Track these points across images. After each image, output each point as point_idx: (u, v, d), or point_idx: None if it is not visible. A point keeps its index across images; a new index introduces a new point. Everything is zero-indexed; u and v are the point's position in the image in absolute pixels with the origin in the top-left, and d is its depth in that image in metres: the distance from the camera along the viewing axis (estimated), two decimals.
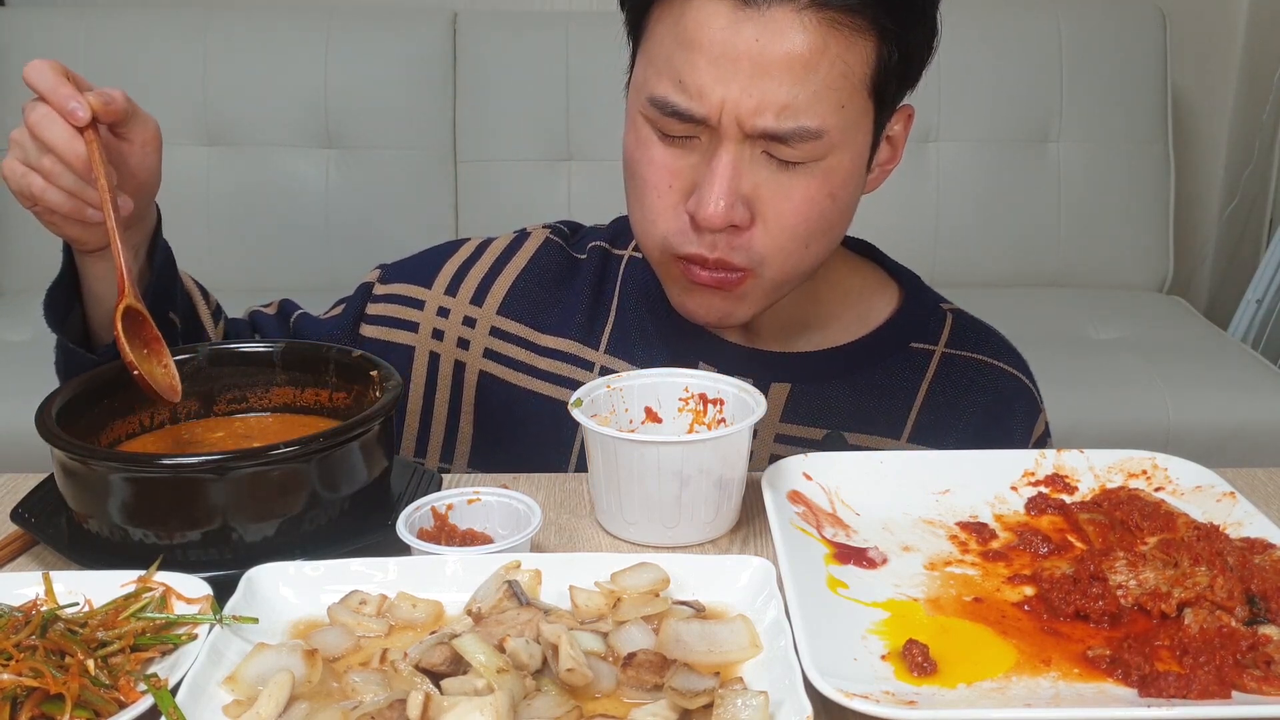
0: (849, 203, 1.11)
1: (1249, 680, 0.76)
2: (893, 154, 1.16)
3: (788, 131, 1.01)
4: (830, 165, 1.05)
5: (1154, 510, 0.97)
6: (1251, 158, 3.20)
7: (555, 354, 1.24)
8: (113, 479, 0.90)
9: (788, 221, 1.06)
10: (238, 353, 1.09)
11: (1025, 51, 2.98)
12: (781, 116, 1.00)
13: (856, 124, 1.05)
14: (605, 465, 0.97)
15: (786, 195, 1.05)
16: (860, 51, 1.02)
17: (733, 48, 0.99)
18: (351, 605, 0.83)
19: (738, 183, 1.03)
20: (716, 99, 1.01)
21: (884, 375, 1.22)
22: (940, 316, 1.26)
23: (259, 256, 2.97)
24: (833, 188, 1.06)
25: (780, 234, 1.06)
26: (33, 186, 1.01)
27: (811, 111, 1.01)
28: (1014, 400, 1.24)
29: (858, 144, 1.07)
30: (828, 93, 1.01)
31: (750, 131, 1.01)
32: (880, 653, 0.80)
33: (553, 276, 1.27)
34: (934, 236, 3.00)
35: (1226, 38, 3.22)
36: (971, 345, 1.25)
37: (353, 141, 2.97)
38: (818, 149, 1.03)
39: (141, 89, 3.38)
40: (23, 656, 0.74)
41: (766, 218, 1.05)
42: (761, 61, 0.99)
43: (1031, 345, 2.83)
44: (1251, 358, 2.66)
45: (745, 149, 1.03)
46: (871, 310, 1.25)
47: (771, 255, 1.07)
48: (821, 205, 1.06)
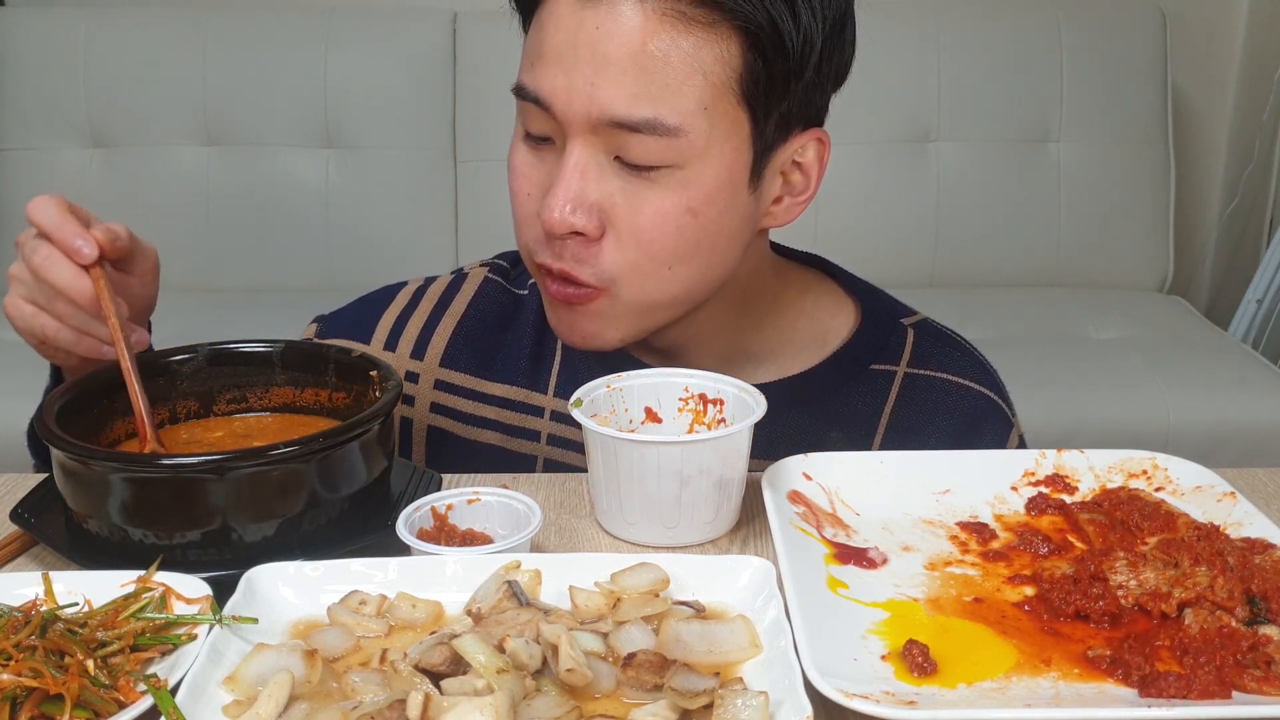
0: (721, 228, 1.03)
1: (1249, 680, 0.76)
2: (806, 183, 1.09)
3: (639, 121, 0.96)
4: (689, 176, 0.99)
5: (1154, 510, 0.97)
6: (1251, 158, 3.20)
7: (503, 402, 1.21)
8: (112, 479, 0.90)
9: (642, 237, 1.00)
10: (237, 353, 1.09)
11: (1025, 51, 2.98)
12: (633, 105, 0.96)
13: (725, 134, 0.99)
14: (605, 465, 0.97)
15: (639, 207, 1.00)
16: (718, 51, 0.97)
17: (575, 36, 0.97)
18: (351, 605, 0.83)
19: (585, 186, 0.99)
20: (559, 86, 0.98)
21: (844, 402, 1.17)
22: (901, 334, 1.21)
23: (259, 256, 2.97)
24: (693, 203, 1.00)
25: (633, 250, 1.01)
26: (45, 329, 0.99)
27: (667, 105, 0.96)
28: (982, 421, 1.19)
29: (726, 158, 1.00)
30: (683, 89, 0.96)
31: (599, 122, 0.97)
32: (880, 653, 0.80)
33: (494, 320, 1.23)
34: (934, 236, 3.00)
35: (1226, 38, 3.22)
36: (935, 363, 1.20)
37: (353, 141, 2.97)
38: (672, 152, 0.98)
39: (141, 89, 3.41)
40: (22, 656, 0.74)
41: (619, 230, 1.00)
42: (602, 50, 0.96)
43: (1031, 345, 2.86)
44: (1251, 358, 2.66)
45: (597, 152, 0.99)
46: (828, 332, 1.20)
47: (625, 274, 1.02)
48: (679, 221, 1.00)
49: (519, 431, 1.21)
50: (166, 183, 2.95)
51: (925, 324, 1.24)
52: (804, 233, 2.99)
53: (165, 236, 3.52)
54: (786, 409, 1.14)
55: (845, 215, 2.96)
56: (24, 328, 1.01)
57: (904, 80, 2.97)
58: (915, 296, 1.31)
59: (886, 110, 2.97)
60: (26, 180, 2.95)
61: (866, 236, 2.96)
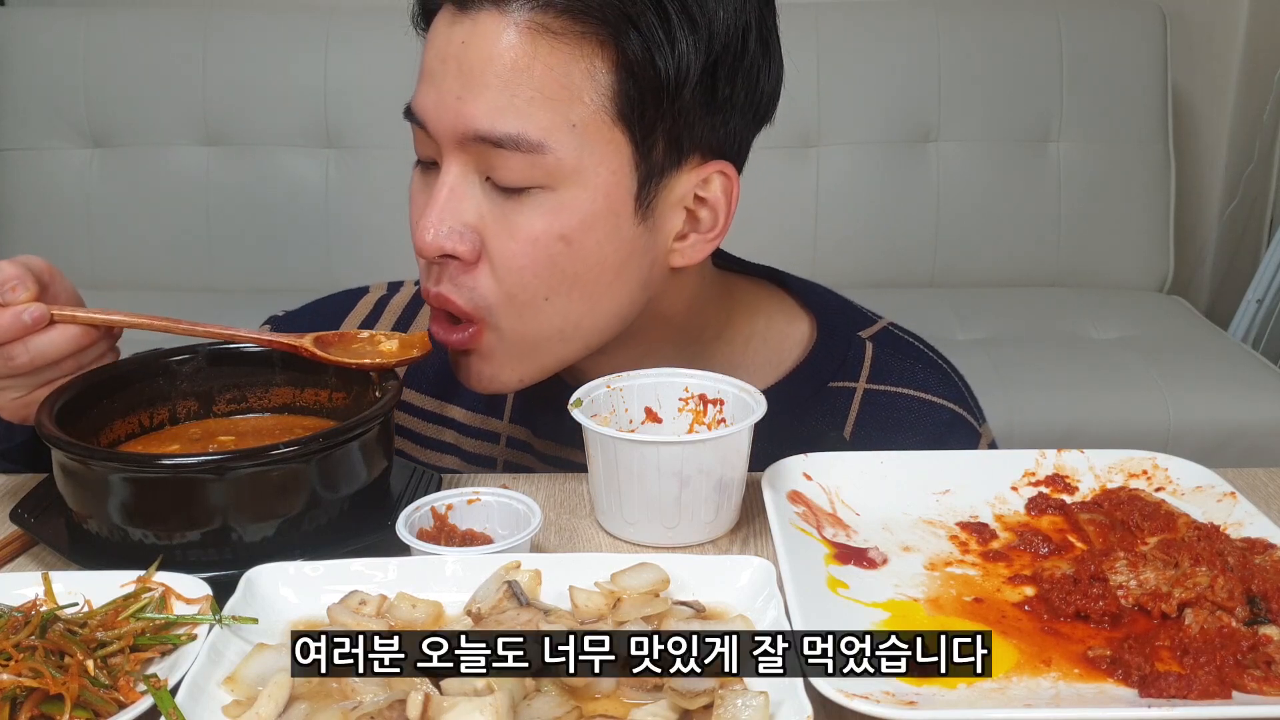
0: (603, 257, 0.99)
1: (1249, 680, 0.76)
2: (714, 220, 1.03)
3: (502, 136, 0.94)
4: (562, 200, 0.96)
5: (1154, 510, 0.97)
6: (1251, 158, 3.20)
7: (461, 427, 1.20)
8: (112, 479, 0.90)
9: (514, 263, 0.97)
10: (237, 353, 1.09)
11: (1025, 51, 2.98)
12: (496, 119, 0.94)
13: (600, 156, 0.96)
14: (605, 465, 0.97)
15: (510, 231, 0.97)
16: (585, 67, 0.94)
17: (443, 52, 0.97)
18: (351, 605, 0.83)
19: (457, 206, 0.97)
20: (430, 103, 0.98)
21: (803, 422, 1.12)
22: (859, 348, 1.16)
23: (259, 256, 2.97)
24: (566, 229, 0.96)
25: (507, 277, 0.98)
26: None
27: (531, 121, 0.94)
28: (947, 436, 1.15)
29: (603, 182, 0.96)
30: (549, 104, 0.94)
31: (464, 136, 0.95)
32: None
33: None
34: (934, 236, 3.00)
35: (1226, 38, 3.22)
36: (896, 378, 1.16)
37: (353, 141, 2.97)
38: (540, 171, 0.95)
39: (141, 89, 3.40)
40: (22, 657, 0.74)
41: (493, 257, 0.98)
42: (466, 63, 0.95)
43: (1031, 345, 2.86)
44: (1251, 358, 2.66)
45: (469, 172, 0.97)
46: (783, 351, 1.16)
47: (500, 303, 0.99)
48: (551, 249, 0.97)
49: (475, 457, 1.20)
50: (166, 183, 2.95)
51: (886, 335, 1.20)
52: (803, 233, 2.99)
53: (165, 236, 3.53)
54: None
55: (845, 216, 2.96)
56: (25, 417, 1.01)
57: (904, 80, 2.97)
58: (915, 296, 1.31)
59: (886, 110, 2.97)
60: (26, 180, 2.95)
61: (866, 236, 2.96)
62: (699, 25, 0.94)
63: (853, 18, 2.99)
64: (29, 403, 0.99)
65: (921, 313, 2.65)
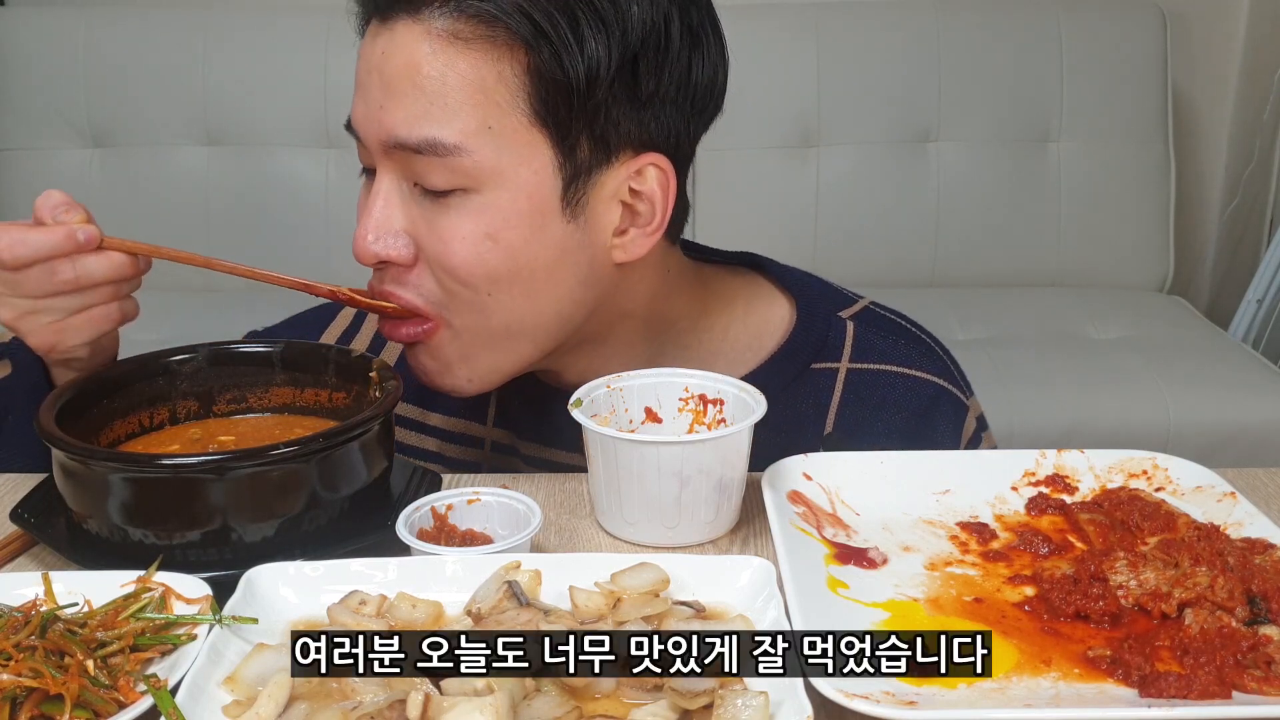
0: (533, 255, 0.99)
1: (1249, 680, 0.76)
2: (652, 213, 1.03)
3: (420, 142, 0.96)
4: (486, 201, 0.98)
5: (1154, 510, 0.97)
6: (1251, 158, 3.20)
7: (444, 434, 1.20)
8: (112, 479, 0.90)
9: (447, 263, 0.99)
10: (237, 353, 1.09)
11: (1025, 51, 2.98)
12: (412, 126, 0.96)
13: (519, 156, 0.97)
14: (605, 465, 0.97)
15: (439, 233, 0.99)
16: (497, 70, 0.95)
17: (368, 63, 1.00)
18: (351, 605, 0.83)
19: (389, 214, 1.00)
20: (359, 114, 1.01)
21: (787, 405, 1.11)
22: (840, 328, 1.16)
23: (259, 256, 2.94)
24: (491, 228, 0.98)
25: (445, 276, 1.00)
26: (83, 327, 1.01)
27: (446, 126, 0.96)
28: (933, 410, 1.15)
29: (524, 181, 0.98)
30: (463, 109, 0.95)
31: (387, 144, 0.98)
32: None
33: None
34: (934, 236, 3.00)
35: (1226, 38, 3.22)
36: (878, 355, 1.16)
37: (353, 141, 2.97)
38: (460, 174, 0.97)
39: (141, 89, 3.40)
40: (22, 657, 0.74)
41: (428, 257, 1.00)
42: (386, 73, 0.98)
43: (1031, 345, 2.86)
44: (1251, 358, 2.66)
45: (398, 179, 1.00)
46: (763, 336, 1.16)
47: (447, 299, 1.01)
48: (479, 247, 0.98)
49: (459, 464, 1.20)
50: (166, 183, 2.95)
51: (867, 313, 1.20)
52: (803, 233, 2.99)
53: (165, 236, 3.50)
54: None
55: (845, 216, 2.96)
56: (49, 343, 1.01)
57: (904, 80, 2.97)
58: (915, 296, 1.31)
59: (886, 110, 2.97)
60: (26, 180, 2.95)
61: (866, 236, 2.96)
62: (610, 23, 0.95)
63: (853, 18, 2.99)
64: (60, 329, 1.00)
65: (921, 313, 2.63)
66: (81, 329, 1.01)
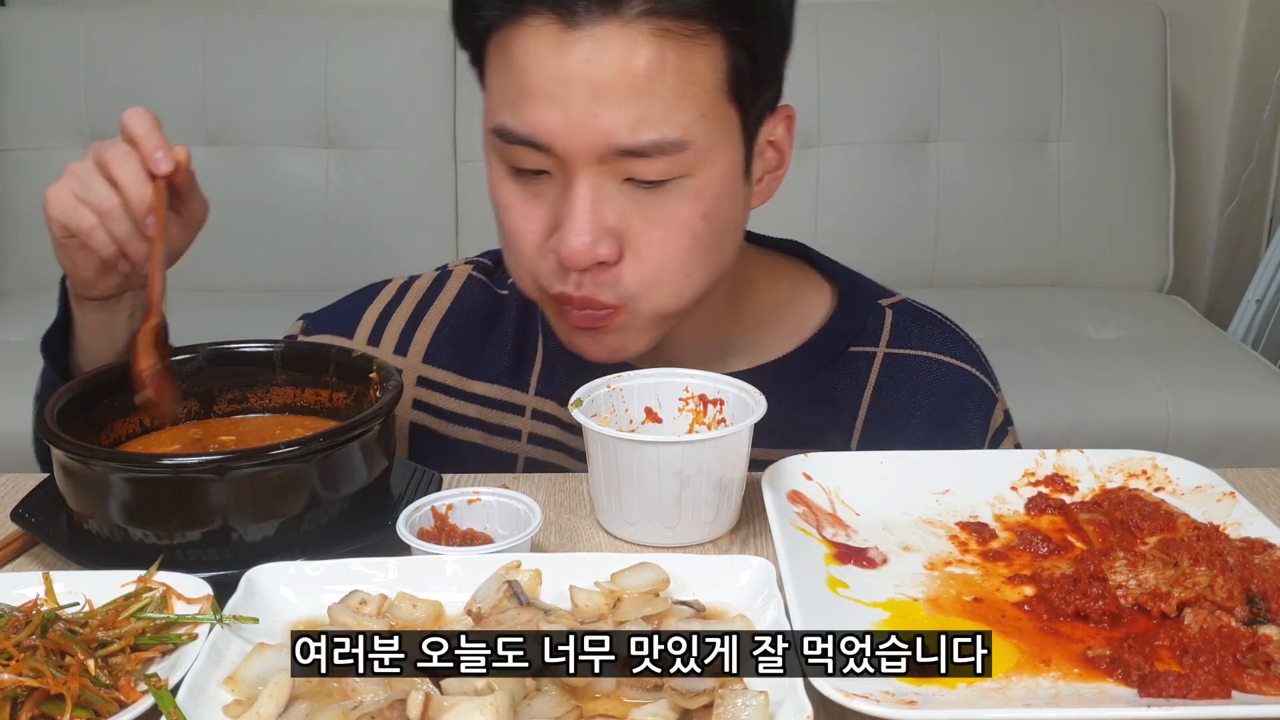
0: (728, 221, 1.04)
1: (1249, 680, 0.76)
2: (780, 160, 1.09)
3: (647, 145, 0.96)
4: (700, 184, 0.99)
5: (1154, 510, 0.97)
6: (1251, 158, 3.20)
7: (484, 400, 1.21)
8: (113, 479, 0.90)
9: (661, 251, 1.00)
10: (238, 353, 1.09)
11: (1025, 51, 2.98)
12: (638, 131, 0.95)
13: (722, 134, 1.00)
14: (605, 465, 0.97)
15: (656, 222, 0.99)
16: (705, 57, 0.97)
17: (563, 71, 0.95)
18: (351, 605, 0.83)
19: (600, 215, 0.98)
20: (556, 125, 0.96)
21: (824, 385, 1.16)
22: (879, 314, 1.20)
23: (259, 256, 2.97)
24: (705, 208, 1.00)
25: (653, 265, 1.01)
26: (81, 222, 1.00)
27: (671, 122, 0.96)
28: (964, 396, 1.19)
29: (727, 157, 1.01)
30: (681, 102, 0.96)
31: (606, 153, 0.96)
32: None
33: (477, 317, 1.23)
34: (934, 236, 3.00)
35: (1226, 38, 3.22)
36: (915, 342, 1.19)
37: (353, 141, 2.97)
38: (682, 164, 0.98)
39: (141, 89, 3.40)
40: (23, 656, 0.74)
41: (638, 249, 1.00)
42: (596, 82, 0.94)
43: (1031, 345, 2.86)
44: (1251, 358, 2.66)
45: (603, 178, 0.98)
46: (806, 316, 1.19)
47: (645, 289, 1.02)
48: (695, 229, 1.00)
49: (500, 430, 1.21)
50: None
51: (905, 304, 1.24)
52: (804, 233, 2.98)
53: None
54: (767, 394, 1.11)
55: (845, 215, 2.96)
56: (60, 215, 1.00)
57: (904, 80, 2.97)
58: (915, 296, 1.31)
59: (886, 110, 2.97)
60: (26, 180, 2.95)
61: (866, 236, 2.95)
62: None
63: (853, 18, 2.99)
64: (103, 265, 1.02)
65: None
66: (68, 210, 1.00)
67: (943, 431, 1.17)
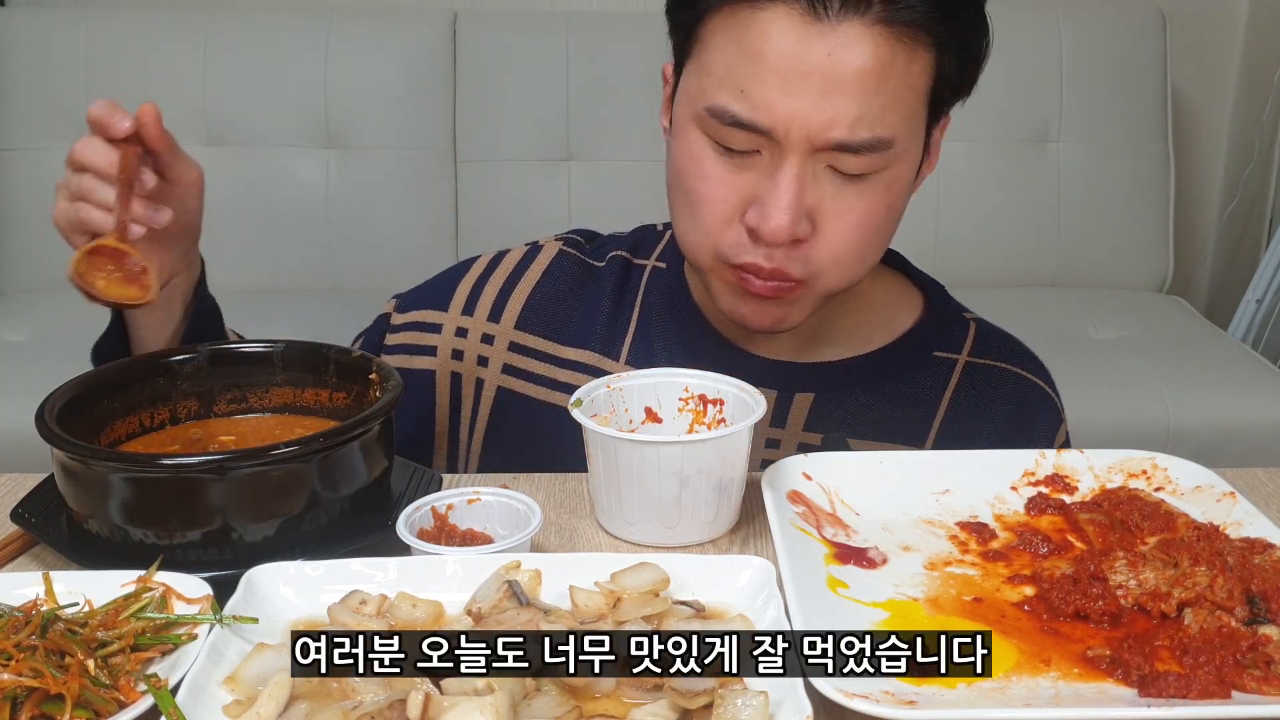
0: (901, 212, 1.11)
1: (1249, 680, 0.76)
2: (930, 160, 1.15)
3: (861, 143, 1.00)
4: (891, 176, 1.05)
5: (1154, 510, 0.97)
6: (1251, 158, 3.20)
7: (575, 365, 1.24)
8: (113, 479, 0.90)
9: (848, 234, 1.05)
10: (238, 353, 1.09)
11: (1025, 51, 2.98)
12: (856, 128, 1.00)
13: (916, 134, 1.07)
14: (605, 465, 0.97)
15: (849, 208, 1.04)
16: (922, 62, 1.02)
17: (804, 62, 0.98)
18: (351, 605, 0.83)
19: (802, 197, 1.02)
20: (785, 112, 0.99)
21: (907, 384, 1.21)
22: (964, 325, 1.26)
23: (259, 256, 2.97)
24: (891, 199, 1.06)
25: (838, 247, 1.05)
26: (78, 213, 1.02)
27: (884, 122, 1.01)
28: (1038, 409, 1.25)
29: (914, 154, 1.08)
30: (896, 104, 1.01)
31: (822, 145, 1.00)
32: None
33: (569, 286, 1.26)
34: (934, 236, 3.00)
35: (1226, 38, 3.22)
36: (995, 354, 1.25)
37: (353, 141, 2.97)
38: (884, 160, 1.03)
39: (141, 89, 3.40)
40: (23, 656, 0.74)
41: (826, 231, 1.04)
42: (833, 76, 0.98)
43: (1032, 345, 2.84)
44: (1251, 358, 2.66)
45: (810, 163, 1.02)
46: (895, 319, 1.24)
47: (828, 267, 1.06)
48: (880, 217, 1.06)
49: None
50: None
51: (985, 322, 1.30)
52: None
53: None
54: (854, 387, 1.20)
55: None
56: (61, 220, 1.04)
57: None
58: None
59: None
60: (26, 180, 2.95)
61: None
62: (986, 16, 1.08)
63: None
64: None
65: None
66: (65, 213, 1.04)
67: (1013, 439, 1.20)
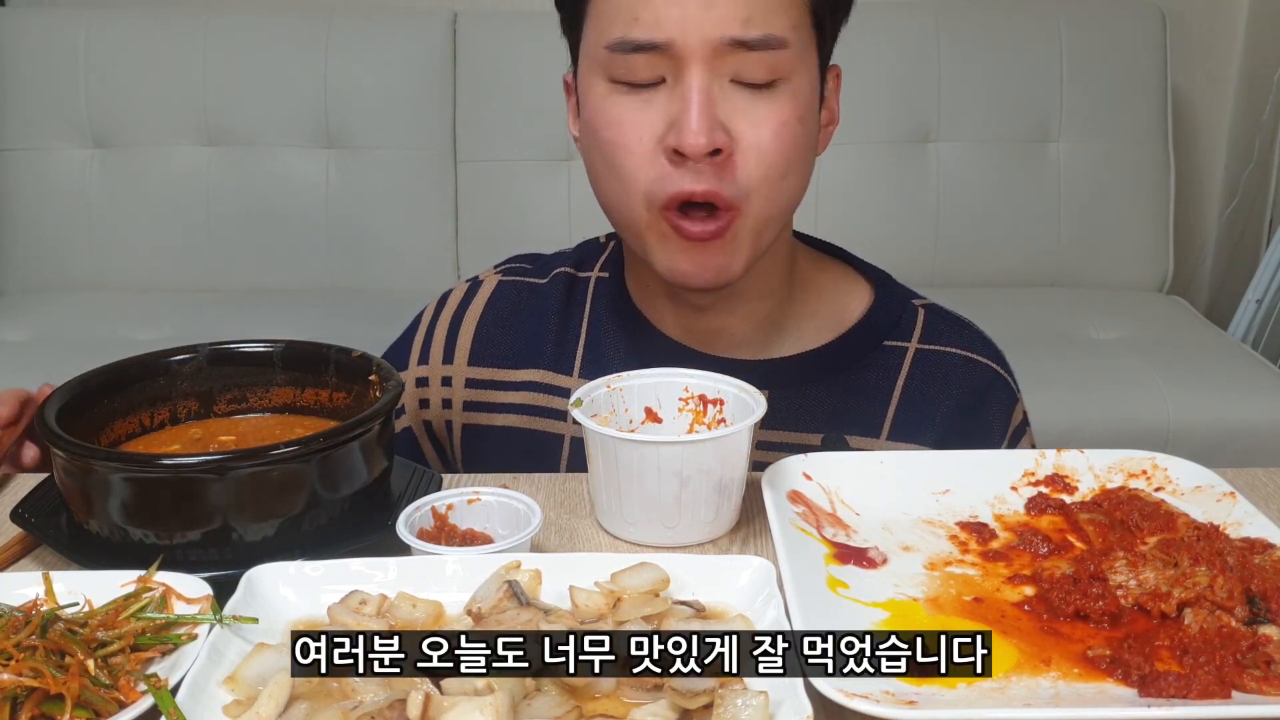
0: (811, 137, 1.12)
1: (1249, 680, 0.76)
2: (830, 116, 1.17)
3: (755, 39, 1.03)
4: (796, 87, 1.07)
5: (1154, 510, 0.97)
6: (1251, 158, 3.20)
7: (530, 386, 1.25)
8: (113, 479, 0.90)
9: (767, 148, 1.06)
10: (238, 353, 1.09)
11: (1025, 51, 2.98)
12: (748, 25, 1.03)
13: (808, 50, 1.09)
14: (605, 465, 0.97)
15: (762, 120, 1.06)
16: None
17: None
18: (351, 605, 0.83)
19: (712, 107, 1.04)
20: (676, 19, 1.03)
21: (860, 375, 1.22)
22: (912, 312, 1.27)
23: (259, 256, 2.97)
24: (800, 111, 1.08)
25: (760, 162, 1.07)
26: None
27: (773, 23, 1.04)
28: (987, 392, 1.24)
29: (811, 72, 1.10)
30: (783, 8, 1.05)
31: (719, 46, 1.03)
32: None
33: (512, 311, 1.28)
34: (934, 236, 3.00)
35: (1226, 38, 3.22)
36: (945, 339, 1.25)
37: (353, 141, 2.97)
38: (783, 64, 1.05)
39: (141, 89, 3.40)
40: (23, 656, 0.74)
41: (744, 146, 1.06)
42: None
43: (1032, 345, 2.86)
44: (1251, 358, 2.66)
45: (716, 76, 1.04)
46: (844, 310, 1.25)
47: (755, 187, 1.07)
48: (794, 129, 1.07)
49: (546, 412, 1.24)
50: (166, 183, 2.95)
51: (934, 307, 1.30)
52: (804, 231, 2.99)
53: (165, 236, 3.52)
54: (807, 381, 1.21)
55: (845, 215, 2.95)
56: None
57: (904, 80, 2.97)
58: None
59: (886, 110, 2.97)
60: (26, 180, 2.95)
61: (866, 237, 2.92)
62: None
63: (853, 18, 2.98)
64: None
65: None
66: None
67: (966, 424, 1.21)
